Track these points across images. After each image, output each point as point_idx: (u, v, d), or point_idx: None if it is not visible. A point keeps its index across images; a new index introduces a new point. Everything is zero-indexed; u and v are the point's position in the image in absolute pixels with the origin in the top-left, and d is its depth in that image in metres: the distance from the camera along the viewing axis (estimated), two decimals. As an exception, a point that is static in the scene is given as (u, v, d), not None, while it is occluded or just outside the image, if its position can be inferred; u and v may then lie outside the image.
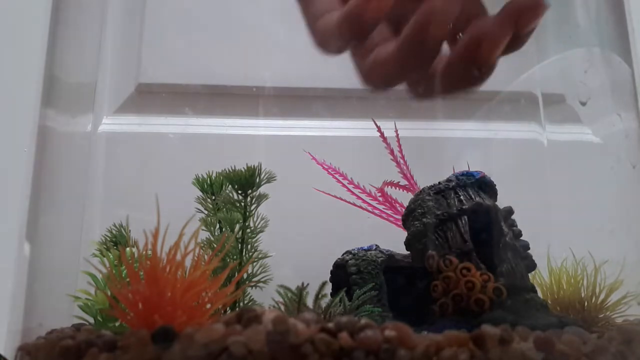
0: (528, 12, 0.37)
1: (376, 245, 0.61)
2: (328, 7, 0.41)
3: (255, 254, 0.56)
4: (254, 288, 0.55)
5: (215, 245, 0.54)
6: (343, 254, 0.60)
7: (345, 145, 0.75)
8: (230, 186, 0.57)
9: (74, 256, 0.57)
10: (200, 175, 0.61)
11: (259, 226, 0.57)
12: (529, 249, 0.54)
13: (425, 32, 0.37)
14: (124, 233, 0.56)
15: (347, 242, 0.61)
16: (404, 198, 0.64)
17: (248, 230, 0.56)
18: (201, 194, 0.60)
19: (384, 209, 0.67)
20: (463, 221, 0.56)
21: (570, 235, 0.59)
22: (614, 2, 0.63)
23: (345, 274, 0.58)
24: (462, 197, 0.57)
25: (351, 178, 0.67)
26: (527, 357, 0.27)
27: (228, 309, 0.49)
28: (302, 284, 0.47)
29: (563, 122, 0.64)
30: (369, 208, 0.67)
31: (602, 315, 0.52)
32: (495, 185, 0.58)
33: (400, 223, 0.60)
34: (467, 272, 0.52)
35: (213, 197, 0.60)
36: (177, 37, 0.80)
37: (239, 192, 0.57)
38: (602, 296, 0.52)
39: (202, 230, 0.56)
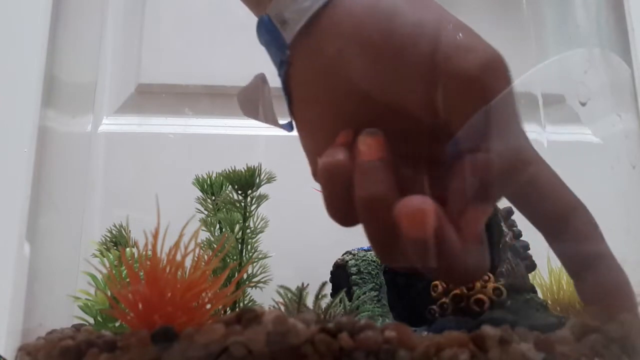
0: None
1: (376, 245, 0.61)
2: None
3: (255, 254, 0.56)
4: (254, 288, 0.55)
5: (215, 246, 0.54)
6: (343, 254, 0.60)
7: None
8: (230, 186, 0.57)
9: (74, 256, 0.57)
10: (200, 176, 0.61)
11: (259, 227, 0.57)
12: (529, 249, 0.54)
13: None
14: (124, 233, 0.56)
15: (347, 242, 0.61)
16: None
17: (248, 230, 0.56)
18: (201, 194, 0.60)
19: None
20: (463, 221, 0.56)
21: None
22: (614, 2, 0.63)
23: (345, 274, 0.58)
24: (462, 197, 0.57)
25: (351, 178, 0.67)
26: (527, 357, 0.27)
27: (228, 309, 0.49)
28: (302, 284, 0.47)
29: (563, 122, 0.64)
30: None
31: (602, 316, 0.52)
32: (495, 185, 0.57)
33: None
34: (467, 273, 0.52)
35: (213, 198, 0.60)
36: (177, 37, 0.80)
37: (239, 192, 0.57)
38: (602, 296, 0.52)
39: (202, 230, 0.56)
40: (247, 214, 0.56)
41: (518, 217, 0.55)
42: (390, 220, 0.29)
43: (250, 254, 0.55)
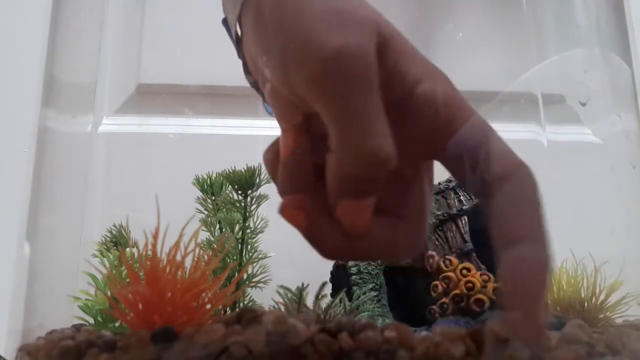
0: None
1: (376, 245, 0.61)
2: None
3: (255, 254, 0.56)
4: (254, 288, 0.55)
5: (215, 246, 0.54)
6: (343, 254, 0.60)
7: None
8: (230, 186, 0.57)
9: (74, 256, 0.57)
10: (200, 176, 0.61)
11: (259, 227, 0.57)
12: (529, 249, 0.54)
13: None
14: (124, 233, 0.56)
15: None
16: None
17: (248, 230, 0.56)
18: (201, 194, 0.60)
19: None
20: (463, 221, 0.56)
21: (570, 236, 0.59)
22: (614, 2, 0.63)
23: (345, 274, 0.58)
24: (462, 197, 0.57)
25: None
26: (514, 356, 0.27)
27: (228, 309, 0.49)
28: (302, 284, 0.47)
29: (563, 122, 0.64)
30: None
31: (602, 316, 0.52)
32: (495, 185, 0.57)
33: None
34: (467, 272, 0.52)
35: (213, 198, 0.60)
36: (177, 37, 0.80)
37: (239, 192, 0.57)
38: (602, 297, 0.52)
39: (202, 230, 0.56)
40: (247, 214, 0.56)
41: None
42: None
43: (250, 254, 0.55)
